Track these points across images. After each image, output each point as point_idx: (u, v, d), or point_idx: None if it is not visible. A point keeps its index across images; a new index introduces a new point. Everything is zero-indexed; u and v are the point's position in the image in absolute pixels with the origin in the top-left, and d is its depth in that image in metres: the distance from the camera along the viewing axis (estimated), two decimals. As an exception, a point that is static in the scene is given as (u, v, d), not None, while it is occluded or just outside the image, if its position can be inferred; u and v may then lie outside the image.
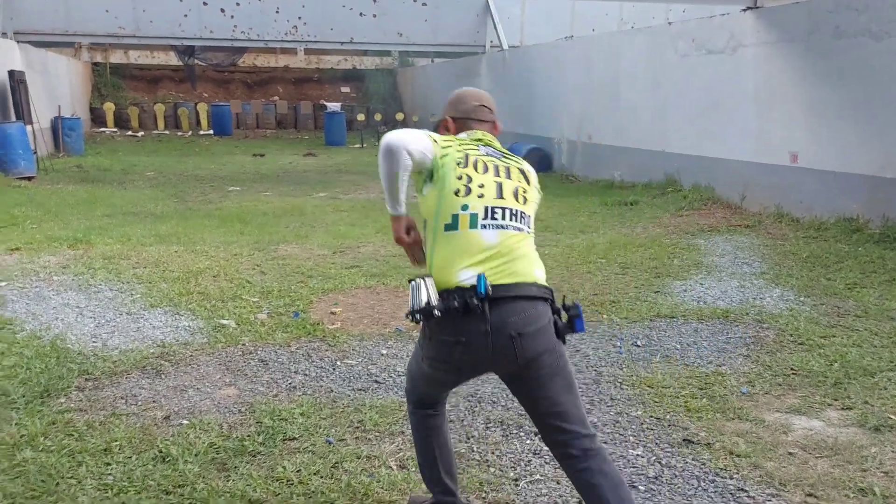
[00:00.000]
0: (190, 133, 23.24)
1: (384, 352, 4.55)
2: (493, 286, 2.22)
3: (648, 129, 11.71)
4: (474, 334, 2.22)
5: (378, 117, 21.90)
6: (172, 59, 24.77)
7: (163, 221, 8.82)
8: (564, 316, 2.35)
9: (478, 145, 2.47)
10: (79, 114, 20.26)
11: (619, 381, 4.10)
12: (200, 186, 12.43)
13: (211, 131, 22.97)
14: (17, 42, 15.20)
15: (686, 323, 5.14)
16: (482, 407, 3.73)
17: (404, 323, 5.07)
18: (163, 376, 4.08)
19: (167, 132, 23.22)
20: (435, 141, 2.38)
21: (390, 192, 2.36)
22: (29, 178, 12.46)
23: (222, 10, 16.46)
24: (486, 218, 2.31)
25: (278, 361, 4.34)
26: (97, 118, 23.20)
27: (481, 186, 2.34)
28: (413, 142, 2.30)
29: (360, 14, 17.39)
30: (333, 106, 22.21)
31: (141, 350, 4.43)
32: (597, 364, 4.37)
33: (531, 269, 2.33)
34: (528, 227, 2.40)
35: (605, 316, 5.30)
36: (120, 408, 3.61)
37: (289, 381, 4.05)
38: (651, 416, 3.64)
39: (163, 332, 4.79)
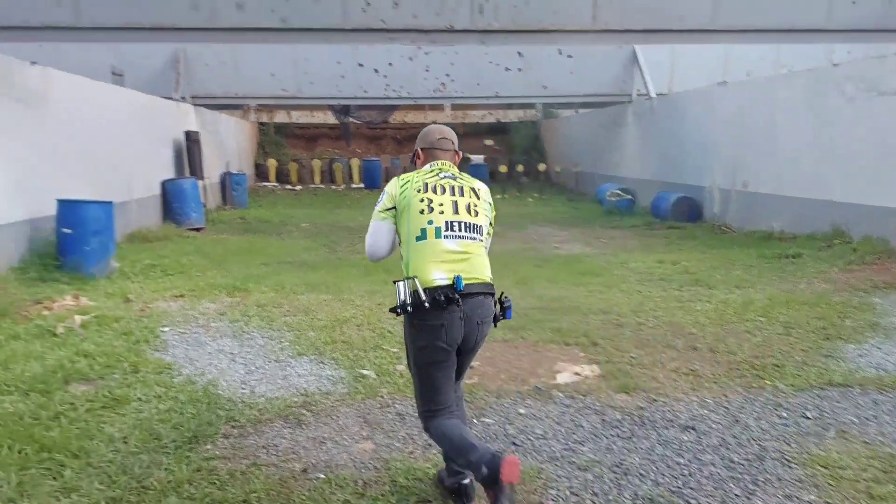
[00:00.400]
0: (343, 186, 24.46)
1: (522, 411, 4.38)
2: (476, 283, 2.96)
3: (811, 177, 10.87)
4: (453, 319, 2.92)
5: (520, 168, 21.99)
6: (330, 118, 26.34)
7: (314, 270, 9.19)
8: (498, 307, 3.11)
9: (438, 173, 3.16)
10: (244, 170, 21.94)
11: (787, 458, 3.67)
12: (350, 237, 12.92)
13: (362, 184, 24.05)
14: (194, 105, 16.76)
15: (864, 393, 4.57)
16: (629, 480, 3.45)
17: (544, 380, 4.88)
18: (303, 426, 4.13)
19: (322, 186, 24.57)
20: (387, 203, 3.12)
21: None
22: (198, 229, 13.51)
23: (376, 71, 17.33)
24: (447, 230, 3.00)
25: (414, 416, 4.27)
26: (261, 173, 24.98)
27: (441, 205, 3.03)
28: (379, 246, 3.18)
29: (506, 69, 17.70)
30: (477, 158, 22.60)
31: (285, 398, 4.54)
32: (760, 437, 3.94)
33: (484, 271, 3.04)
34: (481, 236, 3.11)
35: (767, 382, 4.83)
36: (261, 458, 3.67)
37: (424, 438, 3.96)
38: (827, 502, 3.20)
39: (307, 381, 4.89)
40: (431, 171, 3.15)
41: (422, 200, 3.01)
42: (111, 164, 11.10)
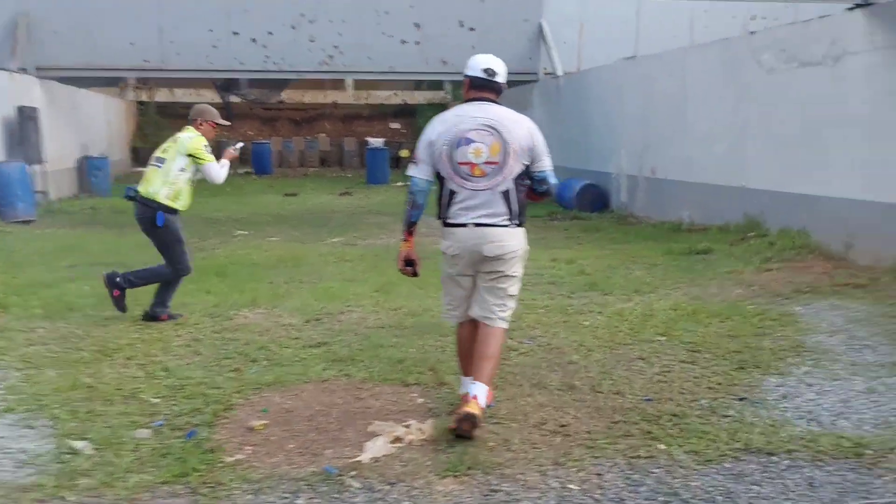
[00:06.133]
0: (231, 172, 22.28)
1: (288, 518, 2.80)
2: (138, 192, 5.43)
3: (724, 161, 9.71)
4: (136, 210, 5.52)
5: (404, 154, 20.39)
6: (218, 97, 24.08)
7: (127, 275, 7.36)
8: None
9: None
10: (116, 153, 19.66)
11: None
12: (206, 230, 11.03)
13: (251, 169, 21.96)
14: (40, 78, 14.43)
15: (794, 466, 3.19)
16: None
17: (348, 453, 3.31)
18: None
19: (207, 171, 22.31)
20: None
21: None
22: (27, 222, 11.38)
23: (254, 40, 15.35)
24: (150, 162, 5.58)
25: (105, 538, 2.63)
26: (139, 158, 22.53)
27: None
28: None
29: (402, 42, 16.03)
30: (376, 142, 20.85)
31: None
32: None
33: (149, 188, 5.36)
34: (160, 164, 5.39)
35: (662, 445, 3.40)
36: None
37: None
38: None
39: (-23, 465, 3.17)
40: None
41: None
42: None
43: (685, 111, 10.62)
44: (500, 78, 3.62)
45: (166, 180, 5.30)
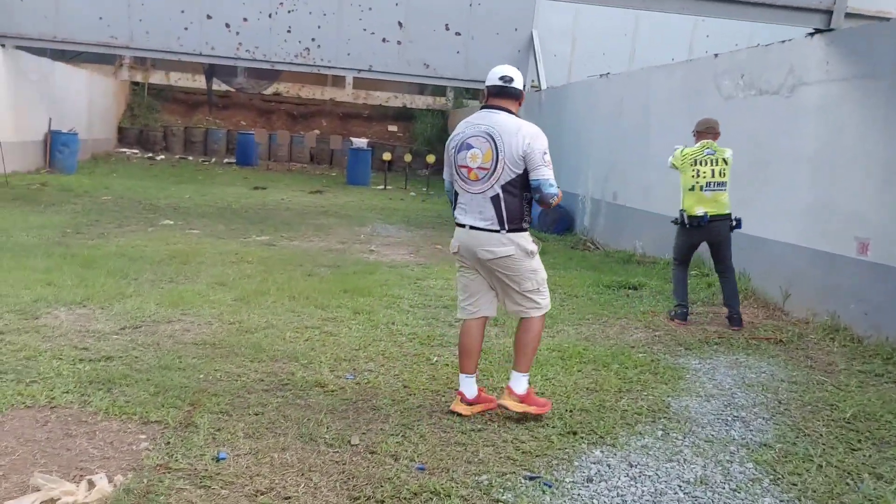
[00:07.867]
0: (213, 160, 21.81)
1: None
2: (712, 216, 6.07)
3: (679, 192, 8.86)
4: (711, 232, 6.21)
5: (407, 158, 19.64)
6: (215, 84, 23.66)
7: (-12, 258, 6.76)
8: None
9: (703, 150, 6.14)
10: (100, 132, 19.45)
11: None
12: (134, 217, 10.47)
13: (234, 160, 21.43)
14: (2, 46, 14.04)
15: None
16: None
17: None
18: None
19: (190, 158, 21.86)
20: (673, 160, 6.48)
21: None
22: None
23: (227, 26, 14.78)
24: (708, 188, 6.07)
25: None
26: (125, 138, 22.19)
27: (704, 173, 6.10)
28: None
29: (383, 40, 15.38)
30: (359, 142, 20.18)
31: None
32: None
33: (723, 209, 6.11)
34: (724, 188, 6.15)
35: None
36: None
37: None
38: None
39: None
40: (700, 148, 6.13)
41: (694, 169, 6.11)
42: None
43: (648, 135, 9.81)
44: (518, 84, 3.84)
45: (728, 196, 6.12)
